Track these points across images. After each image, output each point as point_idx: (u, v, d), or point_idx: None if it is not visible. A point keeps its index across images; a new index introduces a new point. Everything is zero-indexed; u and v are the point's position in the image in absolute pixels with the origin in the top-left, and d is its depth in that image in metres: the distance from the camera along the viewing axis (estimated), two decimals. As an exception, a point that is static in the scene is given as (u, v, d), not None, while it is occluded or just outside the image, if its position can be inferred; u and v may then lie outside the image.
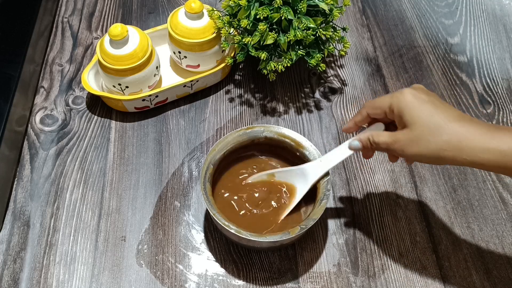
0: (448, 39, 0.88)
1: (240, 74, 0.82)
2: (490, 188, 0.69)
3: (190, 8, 0.70)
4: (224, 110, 0.77)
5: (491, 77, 0.83)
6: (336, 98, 0.79)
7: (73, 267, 0.62)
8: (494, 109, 0.78)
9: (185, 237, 0.64)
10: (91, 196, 0.67)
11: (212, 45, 0.73)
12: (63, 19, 0.88)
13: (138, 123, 0.75)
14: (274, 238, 0.55)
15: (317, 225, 0.65)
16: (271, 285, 0.61)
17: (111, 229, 0.65)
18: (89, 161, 0.71)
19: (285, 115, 0.77)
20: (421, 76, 0.82)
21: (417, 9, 0.93)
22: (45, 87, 0.78)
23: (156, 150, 0.72)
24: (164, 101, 0.76)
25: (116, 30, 0.66)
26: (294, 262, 0.63)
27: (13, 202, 0.66)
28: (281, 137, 0.63)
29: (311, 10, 0.69)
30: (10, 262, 0.62)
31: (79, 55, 0.83)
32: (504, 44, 0.87)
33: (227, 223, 0.56)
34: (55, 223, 0.65)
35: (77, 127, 0.74)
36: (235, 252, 0.63)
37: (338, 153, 0.59)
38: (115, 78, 0.70)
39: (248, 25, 0.67)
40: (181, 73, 0.79)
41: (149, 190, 0.68)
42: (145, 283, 0.61)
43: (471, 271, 0.62)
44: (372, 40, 0.87)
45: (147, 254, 0.63)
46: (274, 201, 0.62)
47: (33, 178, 0.69)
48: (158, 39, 0.79)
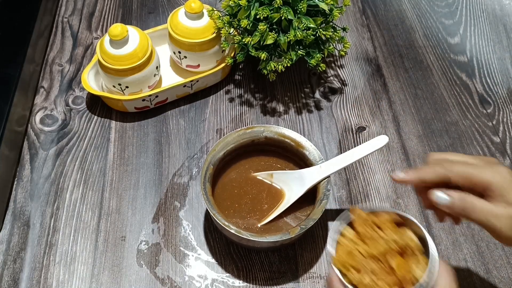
0: (448, 39, 0.88)
1: (240, 74, 0.82)
2: (490, 188, 0.69)
3: (190, 8, 0.70)
4: (224, 110, 0.77)
5: (491, 77, 0.83)
6: (336, 98, 0.79)
7: (73, 267, 0.62)
8: (494, 109, 0.78)
9: (185, 237, 0.64)
10: (91, 196, 0.67)
11: (212, 45, 0.73)
12: (63, 19, 0.88)
13: (138, 123, 0.75)
14: (274, 238, 0.55)
15: (317, 225, 0.65)
16: (271, 285, 0.61)
17: (111, 229, 0.65)
18: (89, 161, 0.71)
19: (285, 115, 0.77)
20: (421, 76, 0.82)
21: (417, 9, 0.93)
22: (45, 87, 0.78)
23: (156, 150, 0.72)
24: (164, 101, 0.76)
25: (116, 30, 0.66)
26: (294, 262, 0.63)
27: (13, 202, 0.66)
28: (281, 137, 0.63)
29: (311, 10, 0.69)
30: (10, 262, 0.62)
31: (79, 55, 0.83)
32: (504, 44, 0.87)
33: (227, 223, 0.56)
34: (55, 223, 0.65)
35: (77, 127, 0.74)
36: (235, 252, 0.63)
37: (339, 161, 0.59)
38: (115, 78, 0.70)
39: (248, 25, 0.67)
40: (181, 73, 0.79)
41: (149, 190, 0.68)
42: (145, 283, 0.61)
43: (471, 271, 0.62)
44: (372, 40, 0.87)
45: (147, 254, 0.63)
46: (267, 204, 0.62)
47: (33, 178, 0.69)
48: (158, 39, 0.79)
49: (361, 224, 0.49)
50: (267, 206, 0.62)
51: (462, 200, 0.46)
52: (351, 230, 0.50)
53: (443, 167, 0.47)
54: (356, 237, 0.49)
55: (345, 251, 0.48)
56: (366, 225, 0.49)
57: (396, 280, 0.46)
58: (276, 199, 0.62)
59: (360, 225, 0.49)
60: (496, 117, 0.77)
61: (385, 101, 0.79)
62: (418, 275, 0.46)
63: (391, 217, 0.49)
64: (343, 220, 0.50)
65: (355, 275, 0.46)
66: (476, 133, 0.75)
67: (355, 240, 0.49)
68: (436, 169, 0.47)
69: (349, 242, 0.49)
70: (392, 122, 0.76)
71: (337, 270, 0.47)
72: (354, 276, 0.46)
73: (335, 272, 0.47)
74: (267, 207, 0.62)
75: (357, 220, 0.49)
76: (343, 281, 0.47)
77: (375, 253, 0.47)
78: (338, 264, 0.47)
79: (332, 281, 0.47)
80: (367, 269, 0.46)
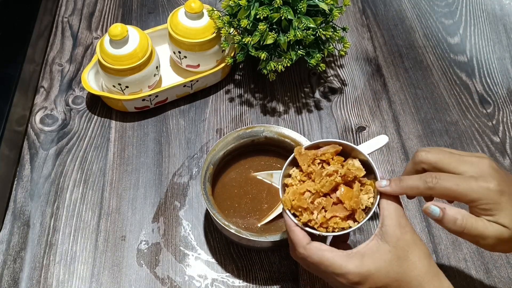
0: (448, 39, 0.88)
1: (240, 74, 0.82)
2: (490, 188, 0.69)
3: (190, 8, 0.70)
4: (224, 110, 0.77)
5: (491, 77, 0.83)
6: (336, 98, 0.79)
7: (73, 267, 0.62)
8: (494, 109, 0.78)
9: (185, 236, 0.64)
10: (91, 196, 0.67)
11: (212, 45, 0.73)
12: (63, 19, 0.88)
13: (138, 123, 0.75)
14: (274, 238, 0.55)
15: (317, 225, 0.65)
16: (271, 285, 0.61)
17: (111, 229, 0.65)
18: (89, 161, 0.71)
19: (285, 115, 0.77)
20: (421, 76, 0.82)
21: (417, 9, 0.93)
22: (45, 87, 0.78)
23: (156, 150, 0.72)
24: (164, 101, 0.76)
25: (116, 30, 0.66)
26: (294, 262, 0.63)
27: (13, 202, 0.67)
28: (281, 137, 0.63)
29: (311, 10, 0.69)
30: (10, 262, 0.62)
31: (79, 55, 0.83)
32: (504, 44, 0.87)
33: (227, 222, 0.56)
34: (55, 223, 0.65)
35: (77, 127, 0.74)
36: (235, 252, 0.63)
37: None
38: (115, 78, 0.70)
39: (248, 25, 0.67)
40: (181, 73, 0.79)
41: (149, 190, 0.68)
42: (145, 283, 0.61)
43: (471, 271, 0.62)
44: (372, 40, 0.87)
45: (147, 254, 0.63)
46: (267, 204, 0.62)
47: (33, 178, 0.69)
48: (158, 39, 0.79)
49: (304, 162, 0.51)
50: (267, 205, 0.62)
51: (456, 220, 0.44)
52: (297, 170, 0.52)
53: (426, 184, 0.45)
54: (302, 176, 0.51)
55: (292, 192, 0.50)
56: (309, 162, 0.50)
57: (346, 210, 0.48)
58: (276, 199, 0.62)
59: (303, 163, 0.51)
60: (496, 117, 0.77)
61: (385, 101, 0.79)
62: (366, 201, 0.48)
63: (335, 149, 0.50)
64: (289, 162, 0.52)
65: (305, 215, 0.48)
66: (476, 133, 0.75)
67: (302, 178, 0.51)
68: (419, 186, 0.46)
69: (295, 182, 0.51)
70: (392, 122, 0.76)
71: (289, 212, 0.49)
72: (304, 216, 0.48)
73: (288, 215, 0.49)
74: (267, 206, 0.62)
75: (299, 158, 0.51)
76: (295, 222, 0.49)
77: (321, 188, 0.48)
78: (288, 206, 0.49)
79: (288, 225, 0.49)
80: (315, 206, 0.48)
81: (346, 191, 0.48)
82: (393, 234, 0.45)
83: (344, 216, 0.48)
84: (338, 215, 0.48)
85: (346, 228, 0.48)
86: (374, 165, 0.49)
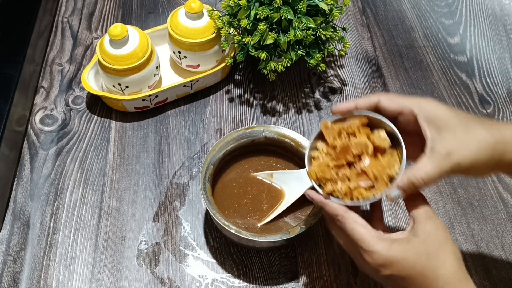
0: (448, 39, 0.88)
1: (240, 74, 0.82)
2: (490, 188, 0.69)
3: (190, 8, 0.70)
4: (224, 110, 0.77)
5: (491, 77, 0.83)
6: (336, 98, 0.79)
7: (73, 267, 0.62)
8: (494, 109, 0.78)
9: (185, 237, 0.64)
10: (91, 196, 0.67)
11: (212, 45, 0.73)
12: (63, 19, 0.88)
13: (138, 123, 0.75)
14: (274, 238, 0.55)
15: (317, 225, 0.65)
16: (271, 285, 0.61)
17: (111, 229, 0.65)
18: (89, 161, 0.71)
19: (285, 115, 0.77)
20: (421, 76, 0.82)
21: (417, 9, 0.93)
22: (45, 87, 0.78)
23: (156, 150, 0.72)
24: (164, 101, 0.76)
25: (116, 30, 0.66)
26: (294, 262, 0.63)
27: (13, 202, 0.66)
28: (281, 137, 0.63)
29: (311, 10, 0.69)
30: (10, 262, 0.62)
31: (79, 55, 0.83)
32: (504, 44, 0.87)
33: (227, 223, 0.56)
34: (55, 223, 0.65)
35: (77, 127, 0.74)
36: (235, 252, 0.63)
37: None
38: (115, 78, 0.70)
39: (248, 25, 0.67)
40: (181, 73, 0.80)
41: (149, 190, 0.68)
42: (145, 283, 0.61)
43: (471, 271, 0.62)
44: (372, 40, 0.87)
45: (147, 254, 0.63)
46: (267, 204, 0.62)
47: (33, 178, 0.69)
48: (158, 39, 0.79)
49: (330, 135, 0.52)
50: (267, 206, 0.62)
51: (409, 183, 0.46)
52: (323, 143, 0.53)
53: (378, 95, 0.50)
54: (328, 148, 0.52)
55: (318, 165, 0.51)
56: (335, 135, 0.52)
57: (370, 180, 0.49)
58: (276, 199, 0.62)
59: (329, 136, 0.52)
60: (496, 117, 0.77)
61: (385, 101, 0.79)
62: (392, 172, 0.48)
63: (361, 121, 0.51)
64: (315, 136, 0.53)
65: (328, 185, 0.50)
66: (476, 133, 0.75)
67: (329, 151, 0.52)
68: (370, 97, 0.50)
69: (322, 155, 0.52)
70: (392, 122, 0.76)
71: (315, 183, 0.51)
72: (328, 186, 0.50)
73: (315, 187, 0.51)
74: (267, 207, 0.62)
75: (325, 132, 0.52)
76: (320, 192, 0.50)
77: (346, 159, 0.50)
78: (313, 178, 0.51)
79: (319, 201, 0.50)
80: (340, 177, 0.50)
81: (371, 162, 0.49)
82: (425, 230, 0.46)
83: (368, 187, 0.49)
84: (362, 185, 0.49)
85: (370, 198, 0.48)
86: (400, 136, 0.49)
